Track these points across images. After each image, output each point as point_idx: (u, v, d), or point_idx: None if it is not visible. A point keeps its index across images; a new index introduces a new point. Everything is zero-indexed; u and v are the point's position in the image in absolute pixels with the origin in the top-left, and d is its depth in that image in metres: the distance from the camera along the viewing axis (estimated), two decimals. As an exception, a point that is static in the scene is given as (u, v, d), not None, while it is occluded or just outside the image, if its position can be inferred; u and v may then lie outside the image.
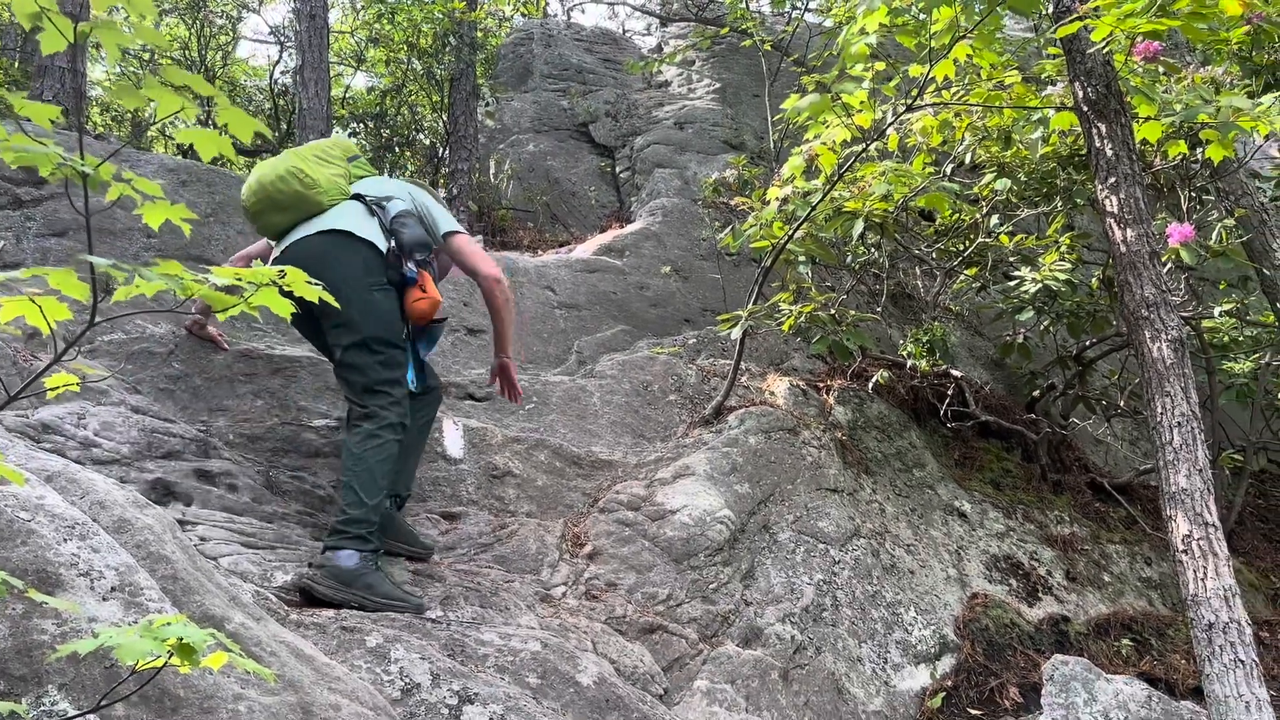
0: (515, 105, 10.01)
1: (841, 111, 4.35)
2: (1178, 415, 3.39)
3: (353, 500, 3.21)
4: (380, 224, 3.57)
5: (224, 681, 1.93)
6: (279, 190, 3.56)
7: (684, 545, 4.11)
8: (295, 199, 3.56)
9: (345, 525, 3.17)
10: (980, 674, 4.38)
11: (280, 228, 3.64)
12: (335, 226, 3.50)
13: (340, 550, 3.11)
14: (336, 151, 3.81)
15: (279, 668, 2.04)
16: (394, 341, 3.46)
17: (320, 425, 3.97)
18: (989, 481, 5.83)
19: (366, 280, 3.43)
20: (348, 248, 3.46)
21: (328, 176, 3.63)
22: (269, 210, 3.60)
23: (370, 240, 3.49)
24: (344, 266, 3.40)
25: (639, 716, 2.97)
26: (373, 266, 3.46)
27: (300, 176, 3.55)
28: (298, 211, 3.58)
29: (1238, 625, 3.26)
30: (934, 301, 6.42)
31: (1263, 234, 5.22)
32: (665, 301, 6.92)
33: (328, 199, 3.58)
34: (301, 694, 2.03)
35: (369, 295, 3.42)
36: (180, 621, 1.57)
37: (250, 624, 2.15)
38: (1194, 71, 4.69)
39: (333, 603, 3.01)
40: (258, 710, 1.92)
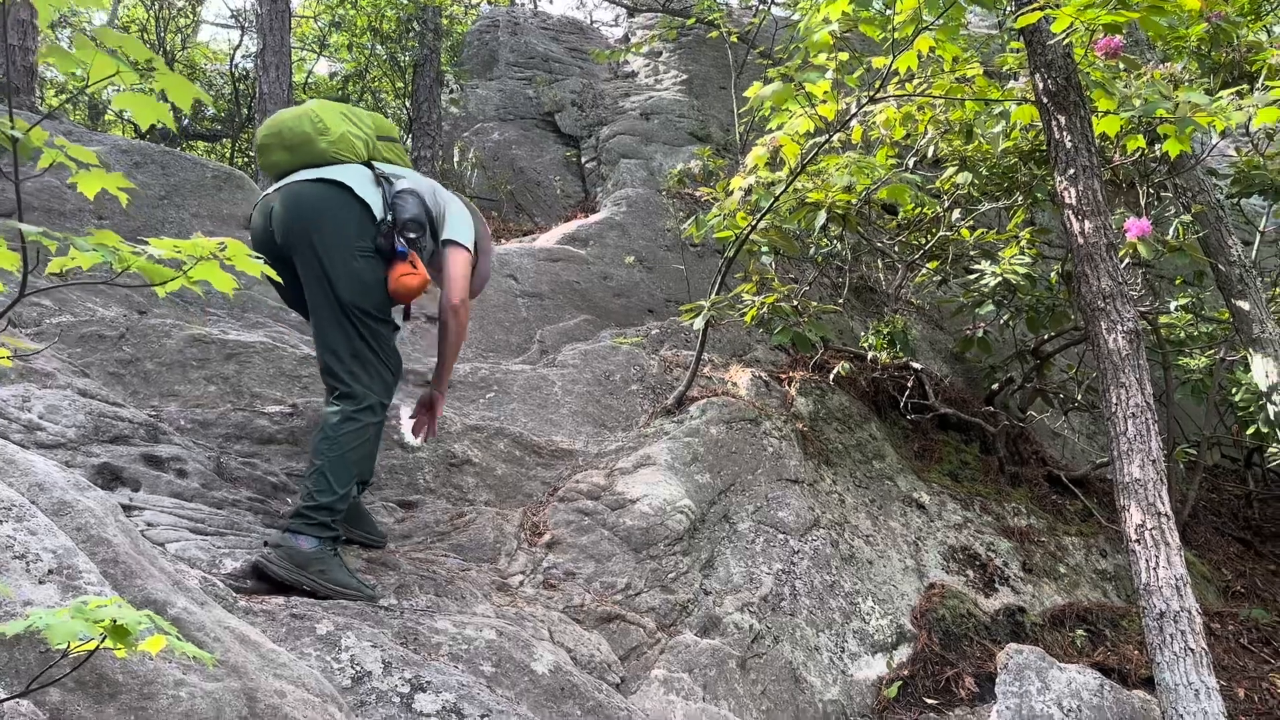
0: (480, 93, 9.93)
1: (805, 101, 4.34)
2: (1132, 406, 3.42)
3: (322, 486, 3.09)
4: (384, 196, 3.40)
5: (165, 667, 1.89)
6: (290, 128, 3.44)
7: (644, 535, 4.10)
8: (303, 140, 3.42)
9: (310, 511, 3.07)
10: (936, 663, 4.41)
11: (281, 167, 3.48)
12: (334, 178, 3.34)
13: (300, 535, 3.03)
14: (367, 119, 3.65)
15: (222, 653, 2.00)
16: (374, 313, 3.28)
17: (274, 412, 3.90)
18: (947, 473, 5.88)
19: (355, 243, 3.26)
20: (341, 203, 3.30)
21: (343, 131, 3.47)
22: (276, 146, 3.47)
23: (367, 202, 3.33)
24: (333, 220, 3.26)
25: (594, 705, 2.95)
26: (364, 229, 3.29)
27: (314, 120, 3.43)
28: (301, 154, 3.43)
29: (1188, 614, 3.30)
30: (895, 294, 6.45)
31: (1218, 230, 5.28)
32: (629, 291, 6.90)
33: (333, 150, 3.43)
34: (246, 680, 1.99)
35: (353, 259, 3.24)
36: (115, 603, 1.53)
37: (194, 609, 2.10)
38: (1153, 68, 4.74)
39: (284, 583, 2.93)
40: (199, 696, 1.87)
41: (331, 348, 3.25)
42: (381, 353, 3.29)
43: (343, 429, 3.15)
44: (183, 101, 1.45)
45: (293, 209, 3.30)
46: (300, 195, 3.31)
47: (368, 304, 3.25)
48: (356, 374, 3.22)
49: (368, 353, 3.25)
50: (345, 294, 3.21)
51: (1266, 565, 6.82)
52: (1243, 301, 5.14)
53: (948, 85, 4.78)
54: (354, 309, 3.22)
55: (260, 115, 9.49)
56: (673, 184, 7.93)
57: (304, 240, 3.25)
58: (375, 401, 3.24)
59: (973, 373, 7.11)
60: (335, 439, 3.14)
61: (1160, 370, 6.61)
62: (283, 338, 4.46)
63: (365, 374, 3.23)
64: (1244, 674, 4.99)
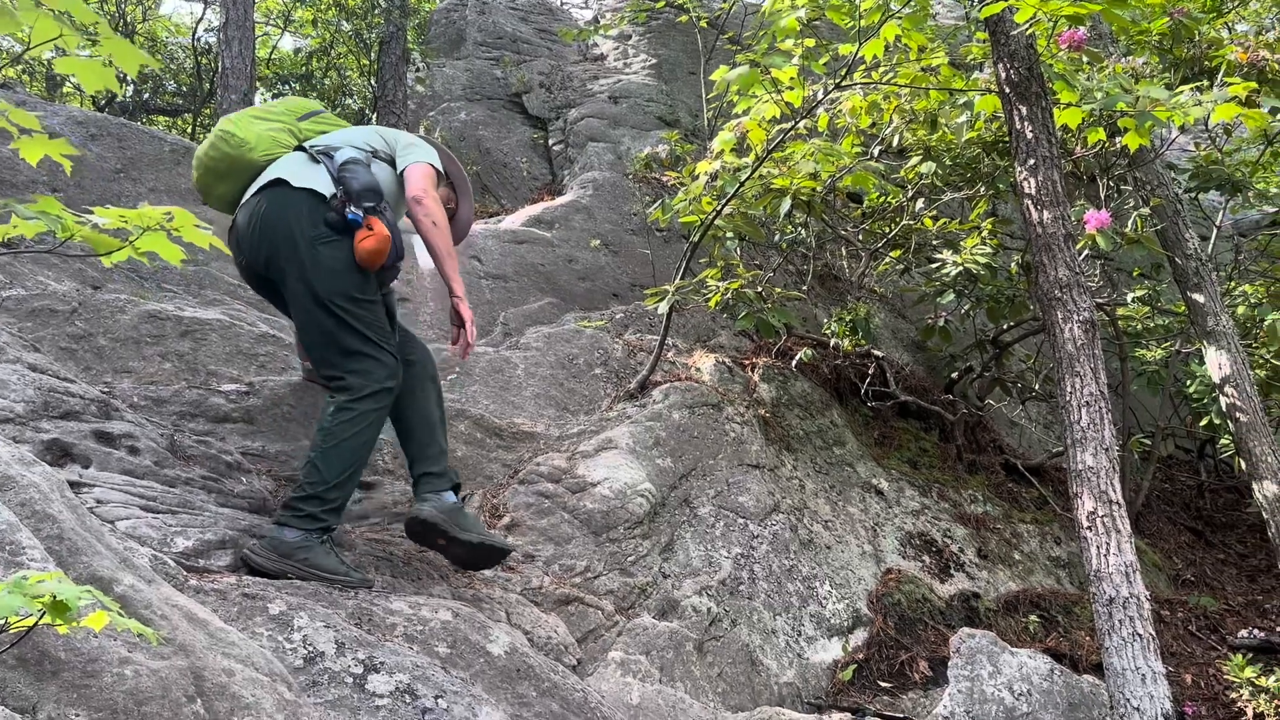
0: (447, 72, 9.82)
1: (771, 86, 4.34)
2: (1086, 395, 3.47)
3: (314, 478, 3.04)
4: (327, 170, 3.31)
5: (110, 644, 1.86)
6: (211, 158, 3.41)
7: (604, 518, 4.10)
8: (228, 163, 3.39)
9: (298, 502, 3.02)
10: (891, 647, 4.46)
11: (228, 198, 3.46)
12: (269, 179, 3.29)
13: (285, 526, 2.99)
14: (279, 108, 3.59)
15: (169, 631, 1.97)
16: (355, 296, 3.19)
17: (230, 390, 3.85)
18: (906, 460, 5.93)
19: (310, 231, 3.19)
20: (285, 199, 3.24)
21: (259, 133, 3.41)
22: (212, 183, 3.46)
23: (308, 187, 3.25)
24: (284, 219, 3.20)
25: (550, 686, 2.95)
26: (314, 214, 3.20)
27: (227, 139, 3.38)
28: (236, 176, 3.41)
29: (1137, 600, 3.35)
30: (859, 282, 6.49)
31: (1176, 224, 5.36)
32: (594, 275, 6.88)
33: (260, 155, 3.38)
34: (193, 659, 1.96)
35: (314, 249, 3.17)
36: (55, 578, 1.50)
37: (141, 586, 2.07)
38: (1116, 62, 4.79)
39: (269, 573, 2.89)
40: (145, 674, 1.85)
41: (320, 345, 3.22)
42: (372, 336, 3.21)
43: (337, 419, 3.11)
44: (129, 67, 1.42)
45: (250, 232, 3.28)
46: (249, 215, 3.29)
47: (344, 289, 3.18)
48: (349, 367, 3.17)
49: (355, 342, 3.18)
50: (320, 287, 3.16)
51: (1216, 554, 6.96)
52: (1198, 294, 5.22)
53: (913, 74, 4.80)
54: (331, 300, 3.16)
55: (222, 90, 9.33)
56: (639, 168, 7.91)
57: (271, 256, 3.23)
58: (375, 388, 3.17)
59: (933, 361, 7.18)
60: (329, 430, 3.10)
61: (1117, 361, 6.71)
62: (240, 315, 4.40)
63: (357, 364, 3.18)
64: (1191, 660, 5.09)
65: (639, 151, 8.29)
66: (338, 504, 3.11)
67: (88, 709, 1.73)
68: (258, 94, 10.61)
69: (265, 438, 3.74)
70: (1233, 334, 5.15)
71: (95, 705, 1.75)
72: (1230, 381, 5.01)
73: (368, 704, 2.46)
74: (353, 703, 2.45)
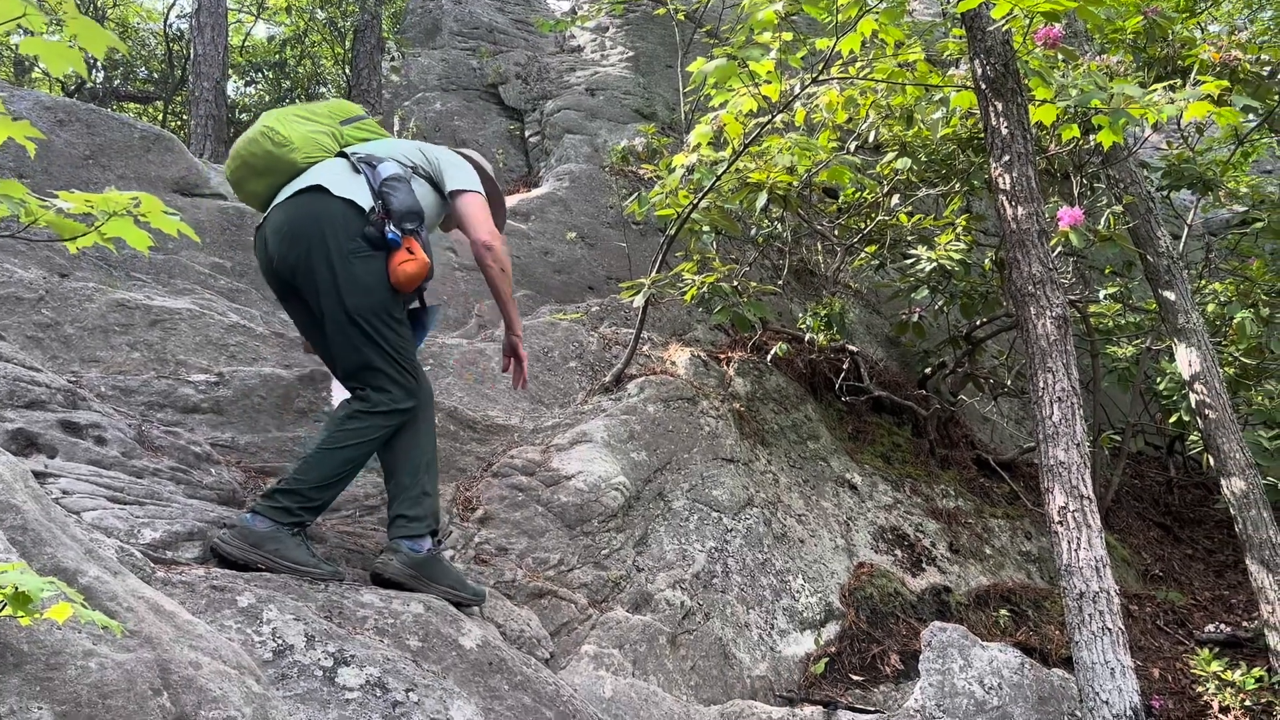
0: (422, 62, 9.75)
1: (748, 79, 4.33)
2: (1058, 390, 3.49)
3: (303, 474, 3.02)
4: (368, 182, 3.25)
5: (74, 637, 1.83)
6: (251, 153, 3.32)
7: (578, 511, 4.09)
8: (268, 160, 3.30)
9: (277, 494, 2.99)
10: (863, 641, 4.48)
11: (261, 196, 3.38)
12: (309, 183, 3.21)
13: (258, 515, 2.95)
14: (323, 110, 3.52)
15: (135, 624, 1.94)
16: (382, 313, 3.15)
17: (199, 380, 3.80)
18: (879, 455, 5.96)
19: (346, 244, 3.12)
20: (324, 207, 3.16)
21: (303, 134, 3.34)
22: (247, 177, 3.37)
23: (348, 197, 3.18)
24: (320, 228, 3.12)
25: (522, 679, 2.94)
26: (351, 226, 3.15)
27: (271, 135, 3.30)
28: (274, 175, 3.33)
29: (1107, 595, 3.38)
30: (834, 278, 6.50)
31: (1148, 222, 5.40)
32: (569, 268, 6.86)
33: (302, 157, 3.30)
34: (160, 651, 1.93)
35: (349, 263, 3.12)
36: (18, 569, 1.48)
37: (107, 578, 2.04)
38: (1090, 59, 4.82)
39: (236, 562, 2.86)
40: (110, 667, 1.82)
41: (345, 356, 3.17)
42: (395, 355, 3.17)
43: (346, 425, 3.09)
44: (96, 49, 1.39)
45: (282, 234, 3.20)
46: (285, 218, 3.20)
47: (374, 306, 3.13)
48: (370, 381, 3.15)
49: (379, 359, 3.14)
50: (349, 300, 3.10)
51: (1184, 550, 7.04)
52: (1169, 292, 5.27)
53: (890, 70, 4.80)
54: (359, 315, 3.11)
55: (194, 77, 9.22)
56: (616, 161, 7.89)
57: (301, 262, 3.15)
58: (390, 408, 3.14)
59: (907, 357, 7.21)
60: (333, 432, 3.08)
61: (1088, 358, 6.77)
62: (210, 305, 4.35)
63: (377, 380, 3.15)
64: (1159, 654, 5.15)
65: (616, 144, 8.27)
66: (317, 505, 3.07)
67: (51, 702, 1.70)
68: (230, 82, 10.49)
69: (235, 429, 3.70)
70: (1202, 331, 5.20)
71: (59, 698, 1.72)
72: (1200, 378, 5.06)
73: (338, 697, 2.44)
74: (322, 696, 2.43)
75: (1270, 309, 6.78)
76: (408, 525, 3.17)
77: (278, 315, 4.73)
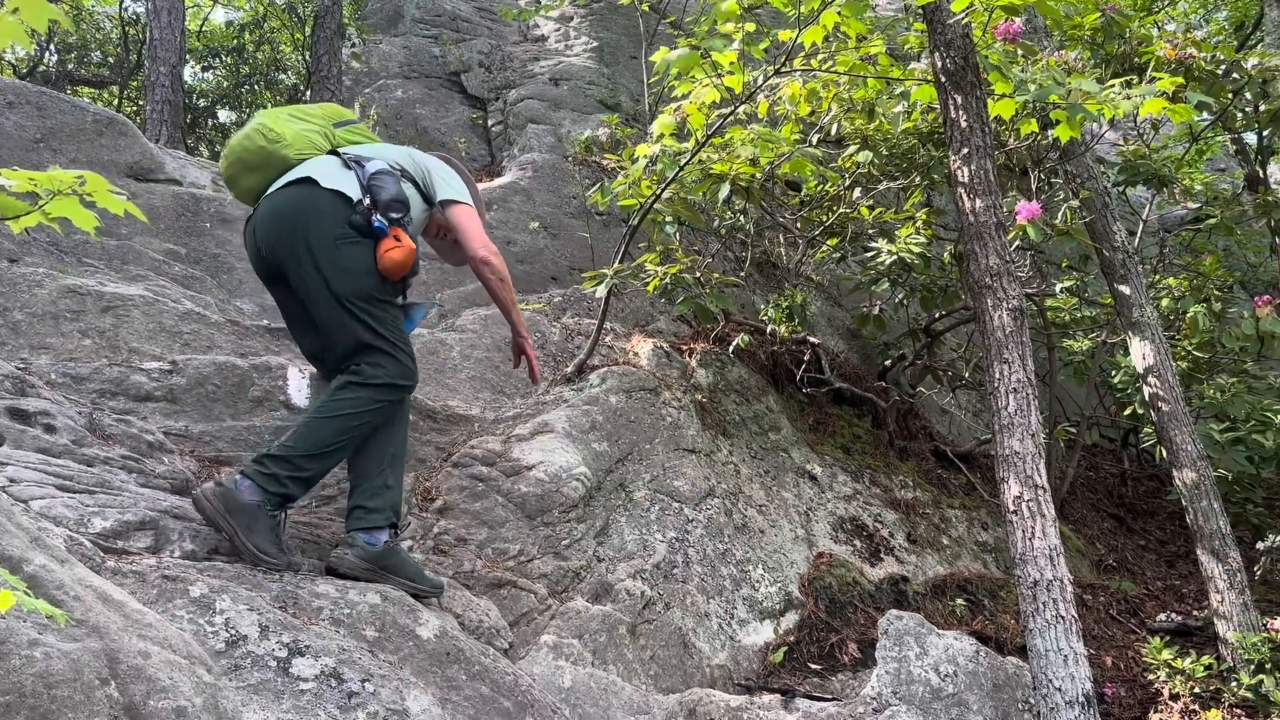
0: (384, 49, 9.64)
1: (710, 70, 4.33)
2: (1014, 381, 3.53)
3: (295, 442, 3.05)
4: (357, 178, 3.36)
5: (19, 626, 1.79)
6: (245, 149, 3.43)
7: (538, 501, 4.07)
8: (261, 156, 3.41)
9: (268, 459, 3.01)
10: (822, 630, 4.51)
11: (255, 191, 3.47)
12: (298, 176, 3.32)
13: (245, 481, 2.96)
14: (317, 112, 3.65)
15: (83, 613, 1.91)
16: (374, 296, 3.24)
17: (152, 368, 3.74)
18: (840, 446, 6.00)
19: (333, 230, 3.22)
20: (312, 196, 3.26)
21: (296, 131, 3.47)
22: (241, 173, 3.46)
23: (336, 188, 3.28)
24: (308, 219, 3.22)
25: (480, 670, 2.92)
26: (339, 214, 3.24)
27: (265, 132, 3.42)
28: (267, 170, 3.43)
29: (1060, 583, 3.43)
30: (796, 270, 6.53)
31: (1104, 217, 5.47)
32: (532, 258, 6.82)
33: (294, 153, 3.42)
34: (107, 640, 1.90)
35: (337, 250, 3.20)
36: (-44, 558, 1.44)
37: (54, 567, 2.00)
38: (1049, 55, 4.87)
39: (206, 519, 2.90)
40: (56, 657, 1.78)
41: (338, 341, 3.22)
42: (389, 335, 3.26)
43: (339, 394, 3.14)
44: (37, 22, 1.35)
45: (271, 222, 3.28)
46: (274, 207, 3.30)
47: (363, 289, 3.22)
48: (366, 359, 3.21)
49: (372, 338, 3.21)
50: (339, 286, 3.18)
51: (1137, 541, 7.16)
52: (1124, 286, 5.34)
53: (851, 62, 4.82)
54: (350, 299, 3.19)
55: (150, 62, 9.04)
56: (579, 151, 7.86)
57: (289, 249, 3.23)
58: (387, 380, 3.20)
59: (868, 349, 7.26)
60: (328, 401, 3.12)
61: (1045, 351, 6.86)
62: (164, 292, 4.28)
63: (372, 356, 3.21)
64: (1112, 643, 5.23)
65: (579, 134, 8.23)
66: (308, 476, 3.08)
67: (-7, 693, 1.67)
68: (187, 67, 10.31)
69: (189, 417, 3.65)
70: (1156, 325, 5.28)
71: (2, 689, 1.68)
72: (1153, 372, 5.14)
73: (292, 688, 2.42)
74: (276, 686, 2.40)
75: (1222, 304, 6.91)
76: (365, 517, 3.17)
77: (233, 303, 4.66)
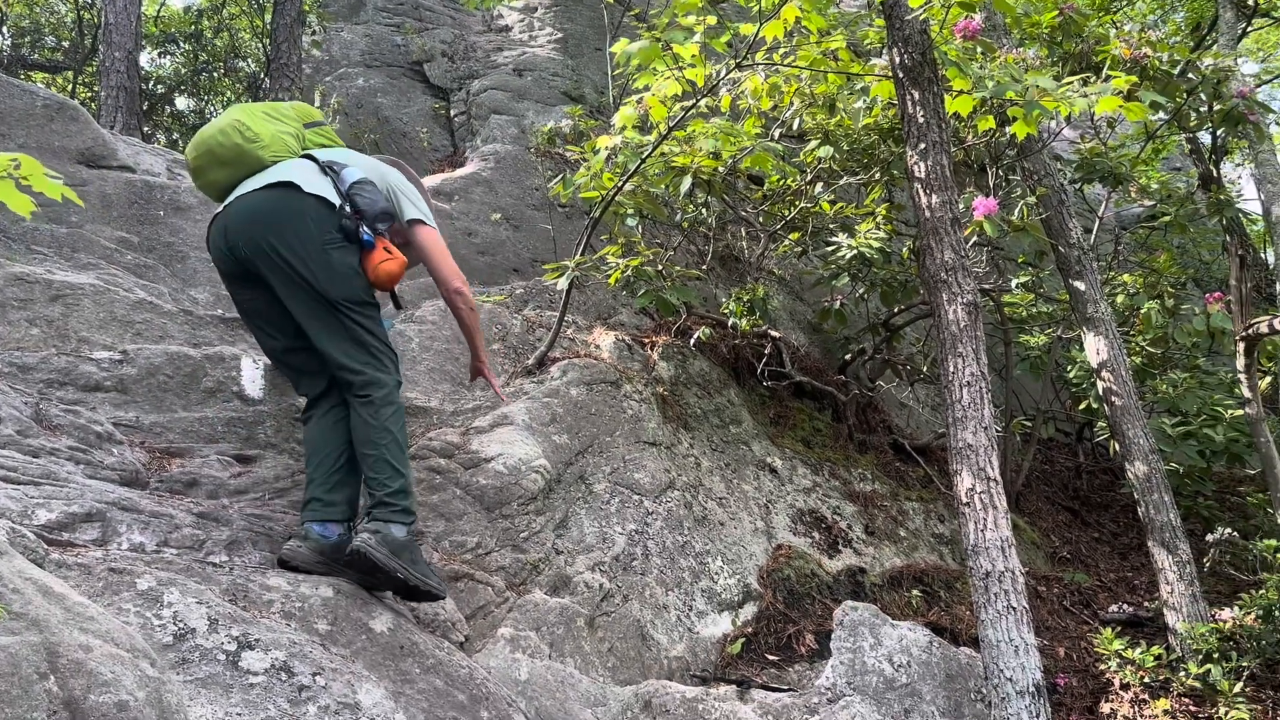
0: (345, 37, 9.54)
1: (671, 62, 4.33)
2: (968, 375, 3.56)
3: (390, 473, 3.14)
4: (334, 185, 3.37)
5: (-47, 621, 1.75)
6: (219, 144, 3.39)
7: (497, 494, 4.06)
8: (236, 153, 3.40)
9: (392, 498, 3.12)
10: (780, 621, 4.54)
11: (221, 185, 3.45)
12: (280, 179, 3.29)
13: (391, 525, 3.07)
14: (290, 112, 3.65)
15: (21, 605, 1.87)
16: (363, 298, 3.29)
17: (102, 358, 3.67)
18: (800, 439, 6.03)
19: (321, 235, 3.22)
20: (295, 202, 3.25)
21: (273, 132, 3.47)
22: (210, 166, 3.43)
23: (319, 194, 3.29)
24: (294, 223, 3.21)
25: (434, 663, 2.91)
26: (325, 221, 3.25)
27: (242, 130, 3.40)
28: (239, 167, 3.41)
29: (1012, 574, 3.47)
30: (758, 264, 6.54)
31: (1060, 213, 5.54)
32: (494, 249, 6.79)
33: (270, 155, 3.42)
34: (48, 634, 1.86)
35: (326, 254, 3.21)
36: (-116, 550, 1.40)
37: (-8, 560, 1.96)
38: (1008, 52, 4.91)
39: (381, 568, 2.97)
40: (-8, 652, 1.75)
41: (338, 344, 3.24)
42: (378, 335, 3.32)
43: (385, 413, 3.20)
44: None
45: (250, 221, 3.25)
46: (254, 207, 3.27)
47: (354, 293, 3.26)
48: (370, 360, 3.26)
49: (370, 339, 3.28)
50: (332, 290, 3.20)
51: (1091, 533, 7.26)
52: (1079, 282, 5.41)
53: (813, 57, 4.84)
54: (343, 302, 3.22)
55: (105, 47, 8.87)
56: (542, 142, 7.83)
57: (270, 250, 3.21)
58: (394, 381, 3.29)
59: (829, 343, 7.30)
60: (383, 426, 3.18)
61: (1002, 346, 6.94)
62: (115, 280, 4.21)
63: (376, 359, 3.27)
64: (1065, 634, 5.30)
65: (543, 126, 8.19)
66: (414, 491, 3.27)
67: (-75, 688, 1.63)
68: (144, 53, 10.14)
69: (139, 408, 3.59)
70: (1110, 321, 5.36)
71: (-66, 684, 1.65)
72: (1107, 366, 5.22)
73: (241, 682, 2.39)
74: (225, 680, 2.37)
75: (1176, 301, 7.03)
76: (321, 509, 3.19)
77: (187, 292, 4.59)
